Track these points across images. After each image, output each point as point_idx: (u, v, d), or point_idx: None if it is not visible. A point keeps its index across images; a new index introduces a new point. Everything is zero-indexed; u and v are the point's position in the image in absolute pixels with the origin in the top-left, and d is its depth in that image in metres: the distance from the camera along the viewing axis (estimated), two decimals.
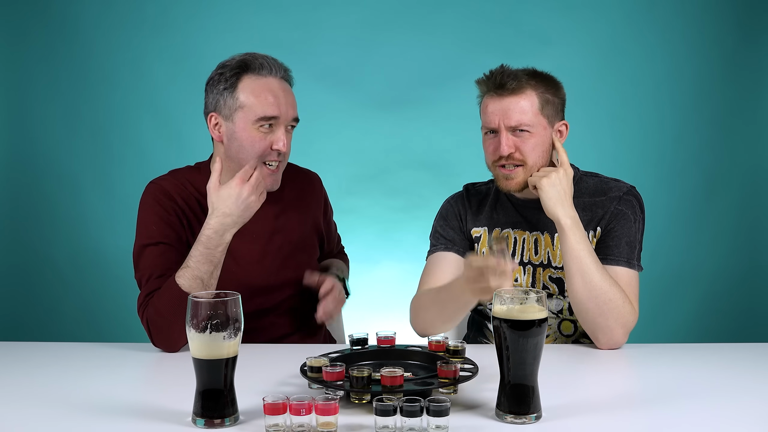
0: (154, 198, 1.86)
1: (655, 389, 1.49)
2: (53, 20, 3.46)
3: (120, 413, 1.35)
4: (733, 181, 3.55)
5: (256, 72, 1.83)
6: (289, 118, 1.85)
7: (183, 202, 1.87)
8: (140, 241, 1.84)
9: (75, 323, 3.49)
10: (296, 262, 1.97)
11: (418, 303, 1.87)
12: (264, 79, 1.83)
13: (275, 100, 1.82)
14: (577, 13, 3.49)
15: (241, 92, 1.82)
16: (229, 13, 3.48)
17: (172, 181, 1.90)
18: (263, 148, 1.82)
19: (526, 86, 1.79)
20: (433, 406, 1.20)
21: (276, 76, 1.85)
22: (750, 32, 3.50)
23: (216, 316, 1.26)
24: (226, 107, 1.83)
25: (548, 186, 1.77)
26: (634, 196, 1.88)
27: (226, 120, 1.83)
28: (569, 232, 1.74)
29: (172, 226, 1.84)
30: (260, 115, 1.80)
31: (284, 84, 1.87)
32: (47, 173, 3.51)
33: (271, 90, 1.83)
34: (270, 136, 1.83)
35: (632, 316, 1.74)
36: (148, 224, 1.84)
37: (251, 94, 1.82)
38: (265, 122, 1.81)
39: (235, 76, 1.83)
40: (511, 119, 1.79)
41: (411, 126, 3.55)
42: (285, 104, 1.84)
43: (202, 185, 1.88)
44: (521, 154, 1.81)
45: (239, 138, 1.82)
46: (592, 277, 1.72)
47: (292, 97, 1.88)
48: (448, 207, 2.02)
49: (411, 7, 3.52)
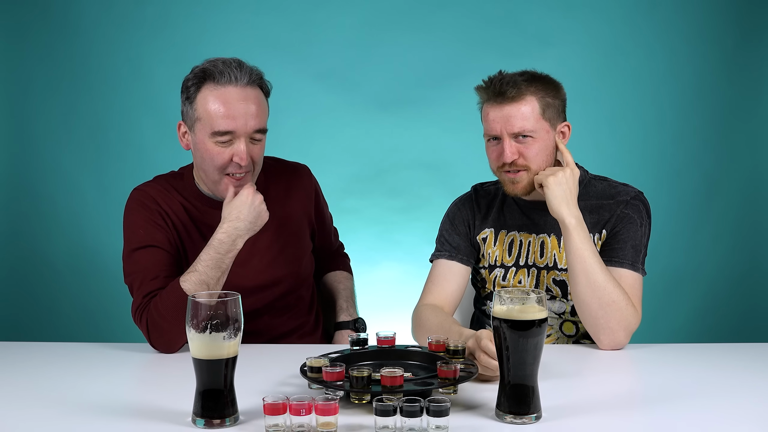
0: (138, 203, 1.85)
1: (655, 389, 1.49)
2: (53, 20, 3.46)
3: (120, 413, 1.35)
4: (733, 181, 3.55)
5: (215, 81, 1.75)
6: (249, 130, 1.77)
7: (167, 207, 1.86)
8: (129, 246, 1.82)
9: (74, 323, 3.49)
10: (286, 258, 1.95)
11: (420, 318, 1.86)
12: (222, 90, 1.75)
13: (230, 113, 1.74)
14: (577, 13, 3.49)
15: (199, 104, 1.76)
16: (229, 13, 3.48)
17: (155, 186, 1.89)
18: (222, 162, 1.77)
19: (526, 92, 1.79)
20: (433, 406, 1.20)
21: (237, 84, 1.76)
22: (750, 32, 3.50)
23: (216, 317, 1.26)
24: (188, 118, 1.80)
25: (554, 184, 1.76)
26: (641, 201, 1.88)
27: (190, 130, 1.81)
28: (573, 231, 1.74)
29: (159, 228, 1.83)
30: (214, 130, 1.75)
31: (247, 92, 1.77)
32: (47, 173, 3.50)
33: (227, 102, 1.74)
34: (230, 149, 1.77)
35: (635, 318, 1.74)
36: (135, 229, 1.83)
37: (206, 107, 1.75)
38: (220, 137, 1.75)
39: (195, 86, 1.77)
40: (513, 126, 1.79)
41: (411, 126, 3.55)
42: (243, 116, 1.75)
43: (184, 190, 1.89)
44: (525, 159, 1.81)
45: (200, 150, 1.79)
46: (596, 277, 1.72)
47: (255, 107, 1.77)
48: (457, 211, 2.01)
49: (411, 7, 3.52)
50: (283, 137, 3.28)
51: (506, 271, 1.92)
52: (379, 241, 2.31)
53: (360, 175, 3.55)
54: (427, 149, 3.55)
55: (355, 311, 2.09)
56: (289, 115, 3.48)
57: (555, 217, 1.78)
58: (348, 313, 2.06)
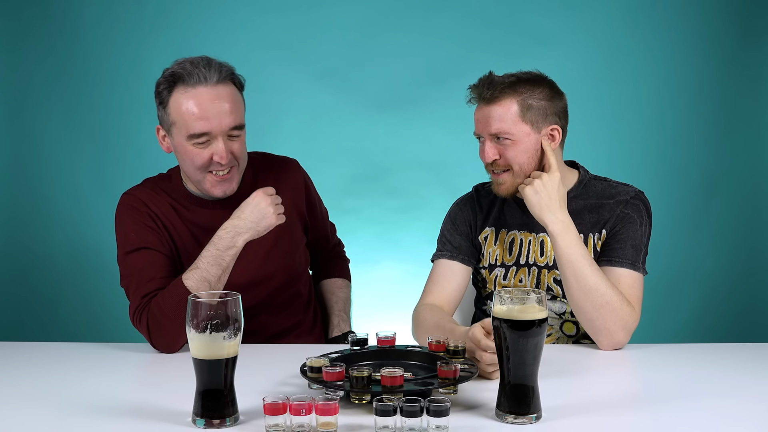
0: (128, 207, 1.86)
1: (655, 389, 1.49)
2: (53, 20, 3.46)
3: (120, 413, 1.35)
4: (733, 181, 3.55)
5: (185, 83, 1.75)
6: (225, 129, 1.77)
7: (156, 209, 1.87)
8: (122, 250, 1.83)
9: (75, 323, 3.49)
10: (279, 252, 1.94)
11: (420, 318, 1.87)
12: (193, 91, 1.75)
13: (203, 115, 1.74)
14: (578, 13, 3.49)
15: (172, 108, 1.77)
16: (229, 13, 3.48)
17: (144, 189, 1.91)
18: (202, 162, 1.79)
19: (502, 94, 1.80)
20: (433, 406, 1.20)
21: (207, 84, 1.75)
22: (750, 32, 3.50)
23: (216, 317, 1.26)
24: (164, 122, 1.81)
25: (531, 194, 1.78)
26: (641, 200, 1.88)
27: (168, 134, 1.83)
28: (558, 237, 1.74)
29: (150, 230, 1.84)
30: (189, 133, 1.76)
31: (218, 91, 1.76)
32: (47, 173, 3.50)
33: (200, 104, 1.74)
34: (209, 149, 1.78)
35: (632, 317, 1.74)
36: (127, 232, 1.84)
37: (180, 111, 1.76)
38: (197, 139, 1.76)
39: (167, 90, 1.77)
40: (491, 127, 1.81)
41: (411, 126, 3.55)
42: (217, 116, 1.75)
43: (173, 191, 1.91)
44: (505, 160, 1.83)
45: (180, 152, 1.81)
46: (587, 280, 1.72)
47: (228, 104, 1.76)
48: (458, 211, 2.01)
49: (411, 7, 3.52)
50: (283, 137, 3.30)
51: (507, 271, 1.92)
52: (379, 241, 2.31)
53: (360, 175, 3.55)
54: (427, 149, 3.55)
55: (347, 324, 2.09)
56: (289, 115, 3.48)
57: (541, 224, 1.79)
58: (339, 328, 2.07)
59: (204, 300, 1.27)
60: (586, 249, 1.77)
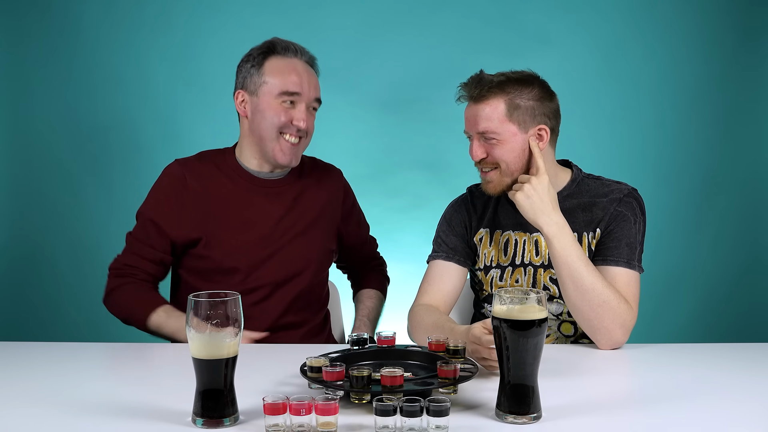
0: (168, 179, 2.00)
1: (654, 389, 1.49)
2: (54, 20, 3.46)
3: (120, 413, 1.35)
4: (733, 181, 3.55)
5: (281, 54, 1.97)
6: (311, 97, 1.97)
7: (197, 185, 1.97)
8: (141, 208, 2.01)
9: (75, 323, 3.49)
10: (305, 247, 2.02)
11: (416, 318, 1.87)
12: (289, 60, 1.97)
13: (298, 79, 1.95)
14: (578, 13, 3.49)
15: (267, 69, 1.96)
16: (229, 13, 3.48)
17: (195, 164, 2.02)
18: (284, 121, 1.94)
19: (490, 93, 1.80)
20: (433, 406, 1.20)
21: (301, 58, 1.98)
22: (750, 32, 3.50)
23: (216, 316, 1.26)
24: (252, 83, 1.96)
25: (522, 199, 1.78)
26: (634, 198, 1.88)
27: (252, 95, 1.97)
28: (554, 239, 1.74)
29: (171, 209, 1.96)
30: (282, 90, 1.93)
31: (308, 67, 2.00)
32: (47, 173, 3.50)
33: (295, 69, 1.96)
34: (291, 111, 1.94)
35: (629, 315, 1.74)
36: (150, 198, 2.01)
37: (275, 71, 1.95)
38: (288, 97, 1.94)
39: (262, 56, 1.96)
40: (478, 126, 1.82)
41: (411, 126, 3.55)
42: (308, 83, 1.96)
43: (225, 165, 2.03)
44: (492, 158, 1.84)
45: (262, 110, 1.95)
46: (583, 280, 1.72)
47: (315, 79, 2.00)
48: (453, 213, 2.01)
49: (411, 7, 3.52)
50: None
51: (503, 272, 1.92)
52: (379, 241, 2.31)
53: (360, 175, 3.54)
54: (427, 149, 3.55)
55: (369, 330, 2.12)
56: None
57: (535, 227, 1.79)
58: (358, 330, 2.10)
59: (204, 300, 1.27)
60: (582, 249, 1.77)
